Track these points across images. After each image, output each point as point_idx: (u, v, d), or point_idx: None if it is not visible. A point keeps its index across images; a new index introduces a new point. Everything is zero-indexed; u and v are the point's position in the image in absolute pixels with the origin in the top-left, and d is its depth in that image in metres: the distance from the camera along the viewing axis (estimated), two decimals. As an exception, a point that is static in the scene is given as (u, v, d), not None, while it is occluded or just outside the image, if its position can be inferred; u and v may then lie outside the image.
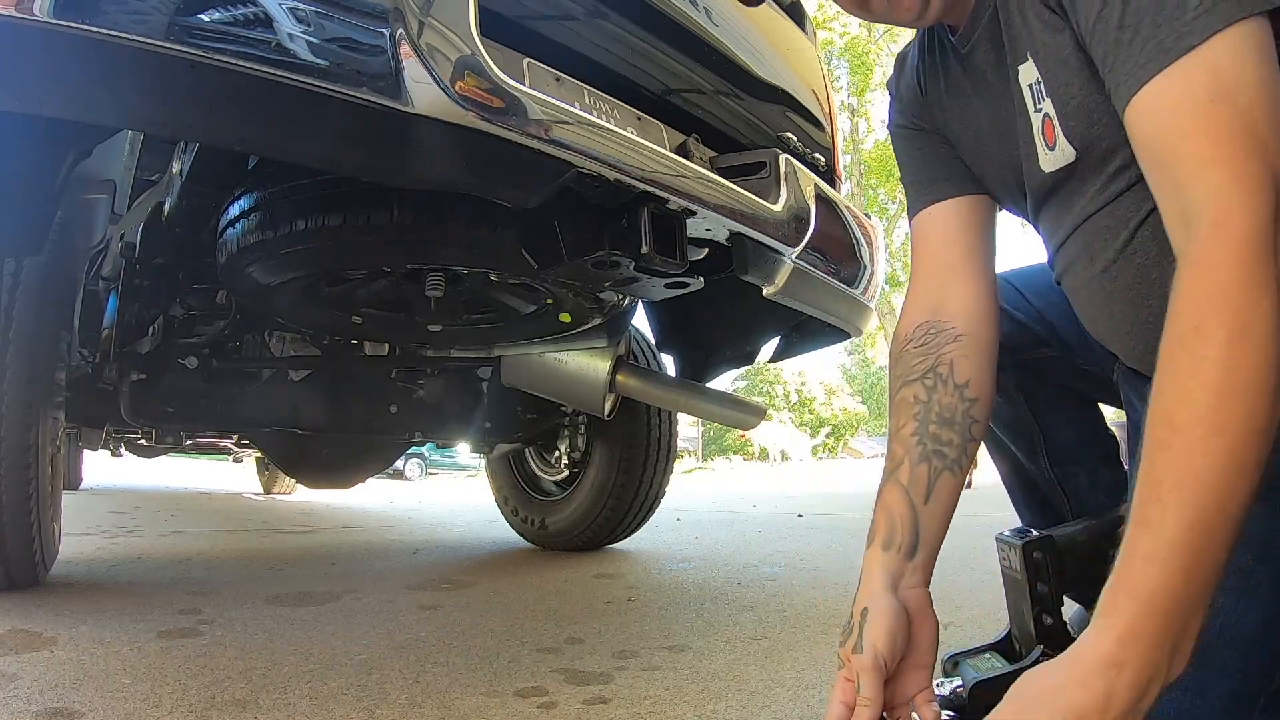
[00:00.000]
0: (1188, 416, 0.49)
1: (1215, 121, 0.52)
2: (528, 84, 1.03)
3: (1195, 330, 0.50)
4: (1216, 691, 0.59)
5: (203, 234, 1.50)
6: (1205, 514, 0.48)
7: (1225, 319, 0.49)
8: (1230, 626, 0.59)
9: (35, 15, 0.77)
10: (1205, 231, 0.51)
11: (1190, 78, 0.52)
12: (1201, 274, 0.51)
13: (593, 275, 1.34)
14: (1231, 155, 0.51)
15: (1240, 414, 0.48)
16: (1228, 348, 0.49)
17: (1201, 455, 0.49)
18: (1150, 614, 0.48)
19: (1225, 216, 0.50)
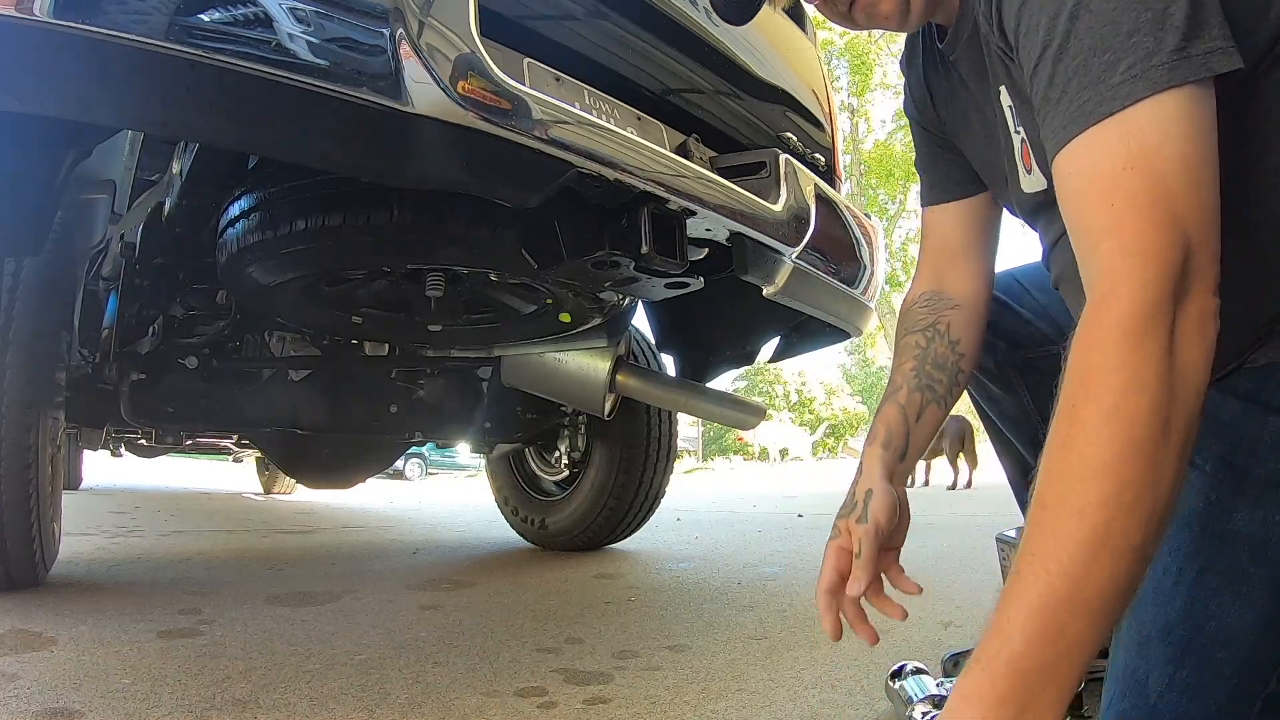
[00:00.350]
0: (1052, 495, 0.49)
1: (1120, 190, 0.50)
2: (528, 84, 1.03)
3: (1071, 409, 0.49)
4: (1213, 694, 0.59)
5: (203, 234, 1.50)
6: (1057, 596, 0.47)
7: (1096, 399, 0.48)
8: (1226, 629, 0.59)
9: (35, 15, 0.77)
10: (1092, 305, 0.50)
11: (1106, 143, 0.51)
12: (1080, 352, 0.50)
13: (593, 275, 1.34)
14: (1130, 226, 0.49)
15: (1099, 496, 0.47)
16: (1096, 430, 0.48)
17: (1056, 536, 0.48)
18: (993, 681, 0.48)
19: (1111, 291, 0.49)
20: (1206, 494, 0.61)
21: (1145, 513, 0.47)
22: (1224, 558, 0.59)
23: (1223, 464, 0.61)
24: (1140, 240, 0.49)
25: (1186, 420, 0.48)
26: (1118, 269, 0.49)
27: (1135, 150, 0.50)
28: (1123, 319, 0.48)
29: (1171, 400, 0.48)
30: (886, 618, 0.83)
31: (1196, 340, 0.49)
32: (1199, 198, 0.50)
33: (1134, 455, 0.47)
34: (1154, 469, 0.47)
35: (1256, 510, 0.58)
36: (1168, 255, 0.48)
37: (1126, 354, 0.48)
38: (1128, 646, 0.65)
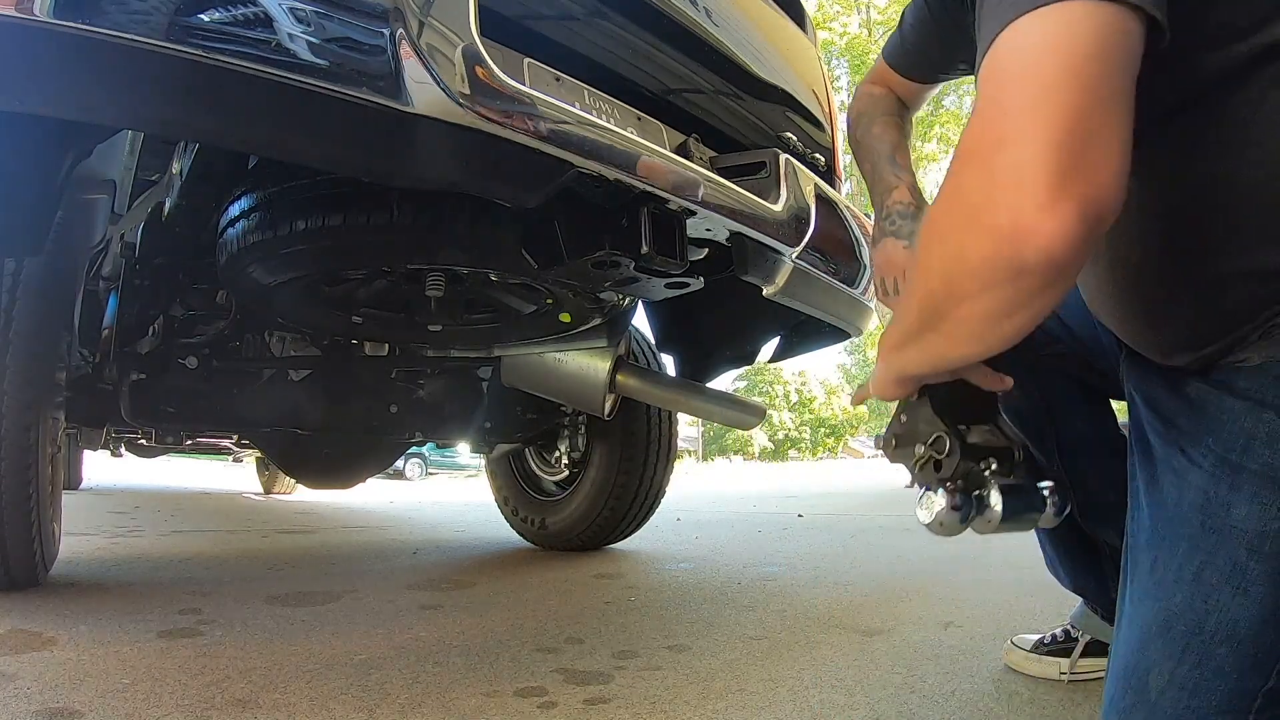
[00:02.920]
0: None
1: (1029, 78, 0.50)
2: (528, 84, 1.03)
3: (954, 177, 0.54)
4: (1213, 690, 0.59)
5: (203, 234, 1.50)
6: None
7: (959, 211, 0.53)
8: (1226, 625, 0.59)
9: (35, 15, 0.76)
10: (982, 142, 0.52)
11: (983, 75, 0.52)
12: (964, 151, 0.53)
13: (593, 275, 1.34)
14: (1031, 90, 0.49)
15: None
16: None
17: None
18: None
19: (1002, 136, 0.50)
20: (1204, 490, 0.62)
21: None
22: (1222, 554, 0.60)
23: (1220, 460, 0.61)
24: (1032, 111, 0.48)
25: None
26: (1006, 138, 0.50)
27: (1051, 35, 0.49)
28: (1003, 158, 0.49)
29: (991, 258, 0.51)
30: (886, 617, 0.83)
31: (1062, 218, 0.47)
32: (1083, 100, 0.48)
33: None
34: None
35: (1255, 505, 0.59)
36: (1059, 134, 0.47)
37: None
38: (1128, 644, 0.65)
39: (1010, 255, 0.49)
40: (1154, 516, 0.67)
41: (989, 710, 1.04)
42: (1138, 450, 0.71)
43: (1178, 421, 0.66)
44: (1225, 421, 0.61)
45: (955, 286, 0.54)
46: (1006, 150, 0.48)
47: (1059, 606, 1.39)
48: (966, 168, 0.52)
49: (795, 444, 33.22)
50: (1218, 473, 0.61)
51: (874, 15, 19.02)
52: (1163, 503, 0.66)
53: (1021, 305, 0.53)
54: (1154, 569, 0.65)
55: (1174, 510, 0.64)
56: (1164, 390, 0.69)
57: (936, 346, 0.61)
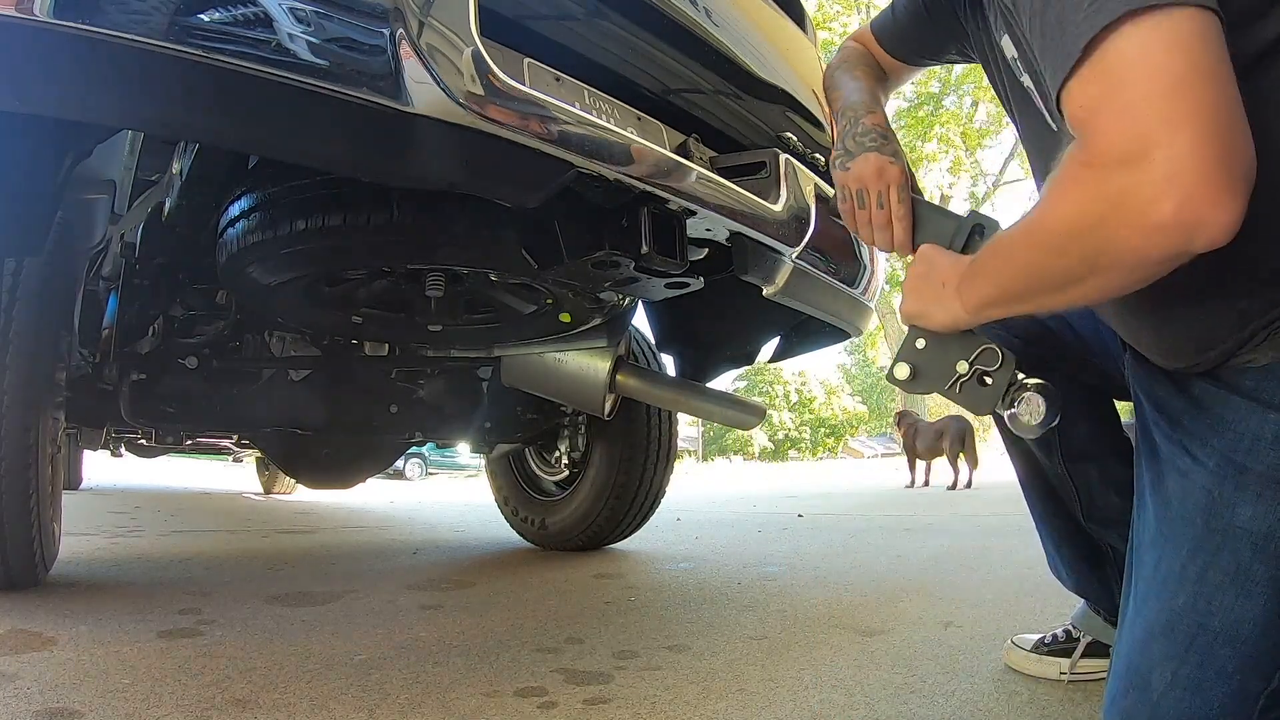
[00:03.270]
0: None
1: (1094, 91, 0.53)
2: (528, 84, 1.03)
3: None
4: (1216, 691, 0.59)
5: (203, 234, 1.50)
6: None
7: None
8: (1229, 626, 0.59)
9: (35, 15, 0.77)
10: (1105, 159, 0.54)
11: (1084, 79, 0.54)
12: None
13: (593, 275, 1.34)
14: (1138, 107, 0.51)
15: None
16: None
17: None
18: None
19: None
20: (1209, 490, 0.62)
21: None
22: (1227, 554, 0.60)
23: (1225, 460, 0.61)
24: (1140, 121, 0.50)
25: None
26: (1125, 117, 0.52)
27: (1109, 73, 0.52)
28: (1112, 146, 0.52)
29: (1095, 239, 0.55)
30: (886, 617, 0.83)
31: (1161, 200, 0.50)
32: (1175, 93, 0.50)
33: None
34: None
35: (1259, 506, 0.59)
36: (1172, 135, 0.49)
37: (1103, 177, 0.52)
38: (1131, 643, 0.65)
39: (1180, 245, 0.51)
40: (1158, 516, 0.67)
41: (989, 710, 1.04)
42: (1143, 450, 0.71)
43: (1183, 422, 0.66)
44: (1231, 422, 0.61)
45: (1101, 264, 0.56)
46: (1158, 148, 0.49)
47: (1059, 606, 1.40)
48: (1116, 163, 0.52)
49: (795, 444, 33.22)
50: (1223, 473, 0.61)
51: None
52: (1167, 502, 0.66)
53: (1151, 279, 0.56)
54: (1157, 568, 0.65)
55: (1178, 510, 0.64)
56: (1169, 390, 0.68)
57: (1052, 304, 0.65)
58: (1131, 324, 0.71)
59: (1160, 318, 0.66)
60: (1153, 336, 0.68)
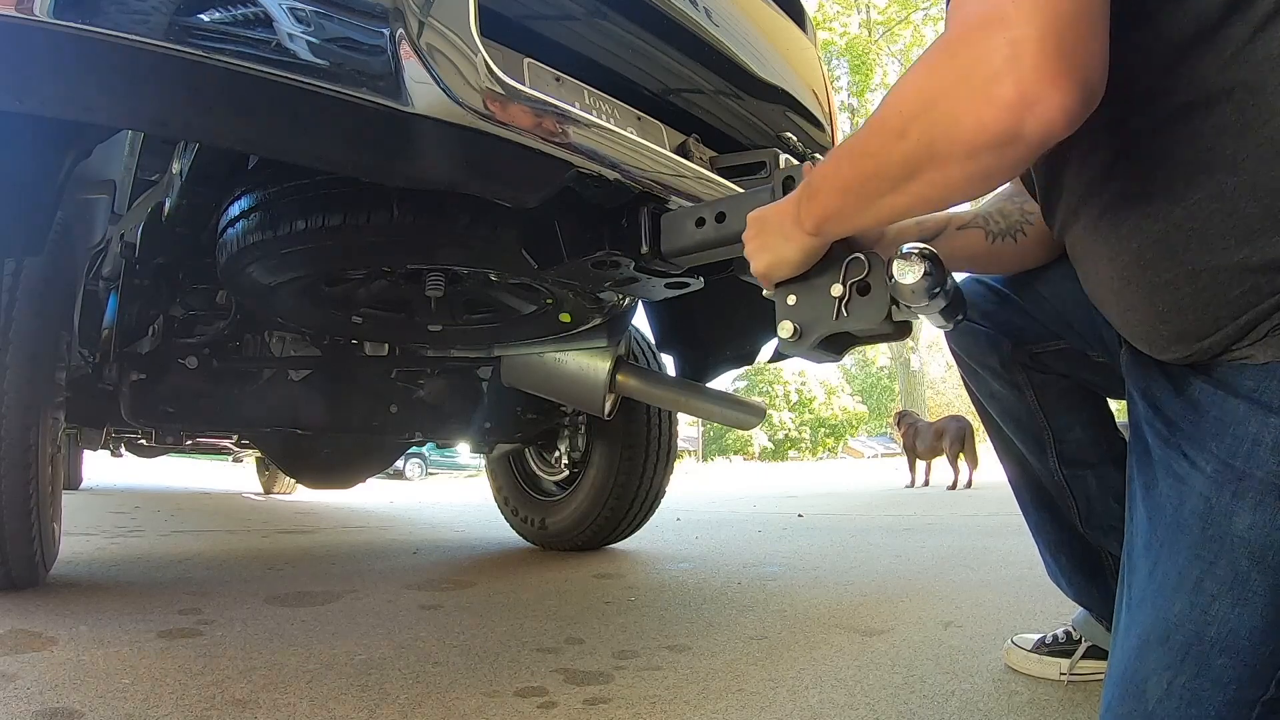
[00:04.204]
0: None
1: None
2: (528, 84, 1.03)
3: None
4: (1212, 700, 0.59)
5: (203, 234, 1.50)
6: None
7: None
8: (1226, 635, 0.58)
9: (35, 15, 0.77)
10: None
11: None
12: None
13: (593, 275, 1.34)
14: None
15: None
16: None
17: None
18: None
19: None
20: (1207, 497, 0.61)
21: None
22: (1224, 562, 0.59)
23: (1223, 466, 0.60)
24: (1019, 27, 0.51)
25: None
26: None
27: None
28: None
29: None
30: (886, 617, 0.83)
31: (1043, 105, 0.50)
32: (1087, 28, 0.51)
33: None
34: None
35: (1258, 514, 0.58)
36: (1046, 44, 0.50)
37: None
38: (1126, 651, 0.64)
39: (1011, 123, 0.52)
40: (1152, 521, 0.66)
41: (989, 710, 1.04)
42: (1136, 451, 0.70)
43: (1180, 423, 0.65)
44: (1229, 425, 0.60)
45: (938, 149, 0.56)
46: (1010, 27, 0.50)
47: (1059, 606, 1.39)
48: (962, 40, 0.53)
49: (795, 444, 33.22)
50: (1221, 479, 0.60)
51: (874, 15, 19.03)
52: (1161, 507, 0.65)
53: (995, 175, 0.58)
54: (1152, 575, 0.64)
55: (1173, 515, 0.63)
56: (1165, 390, 0.67)
57: (893, 205, 0.64)
58: (1124, 308, 0.69)
59: (1156, 303, 0.65)
60: (1150, 324, 0.66)
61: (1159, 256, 0.62)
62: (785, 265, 0.78)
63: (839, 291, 0.75)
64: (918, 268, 0.69)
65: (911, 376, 20.61)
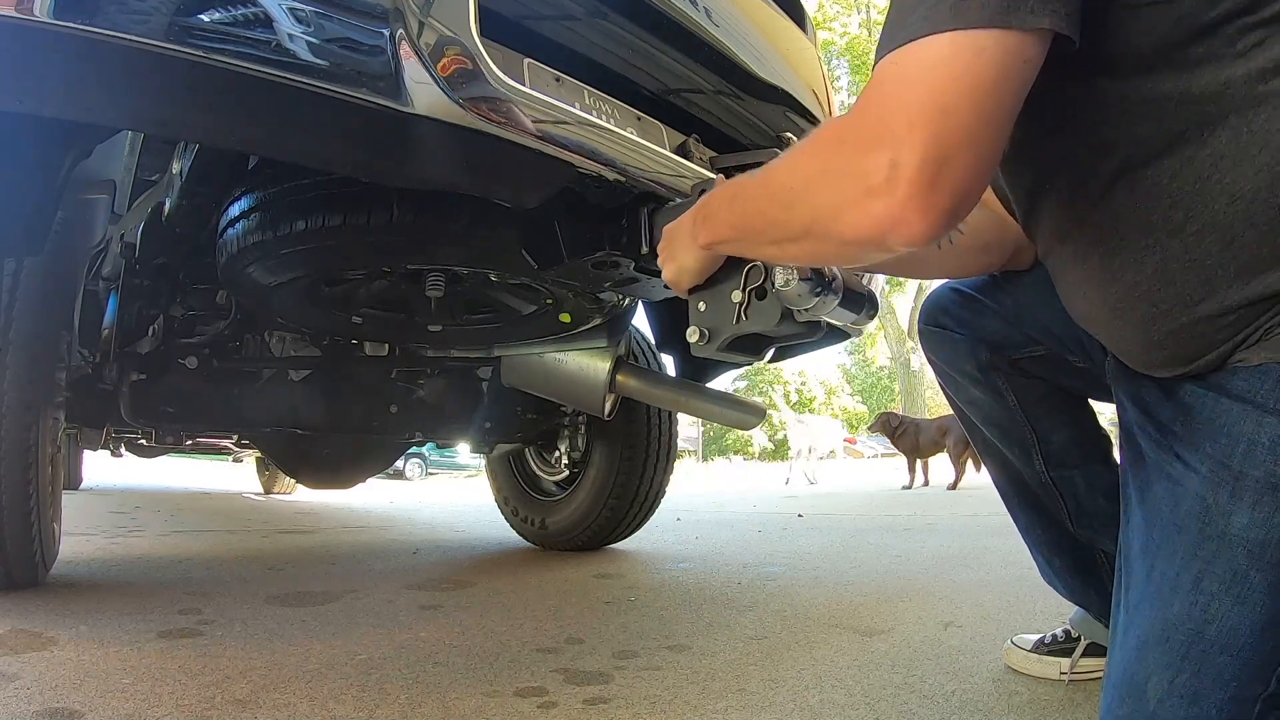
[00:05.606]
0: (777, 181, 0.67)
1: (906, 91, 0.55)
2: (528, 84, 1.03)
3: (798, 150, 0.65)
4: (1212, 697, 0.59)
5: (203, 234, 1.50)
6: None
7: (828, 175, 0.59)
8: (1226, 633, 0.58)
9: (35, 15, 0.77)
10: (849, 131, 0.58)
11: (887, 63, 0.56)
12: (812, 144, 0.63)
13: (593, 275, 1.34)
14: (901, 111, 0.54)
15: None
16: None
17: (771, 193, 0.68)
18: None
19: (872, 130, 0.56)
20: (1203, 497, 0.61)
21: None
22: (1222, 561, 0.59)
23: (1219, 466, 0.60)
24: (903, 127, 0.53)
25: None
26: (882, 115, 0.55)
27: (899, 64, 0.55)
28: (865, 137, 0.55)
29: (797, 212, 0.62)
30: (886, 617, 0.83)
31: (917, 215, 0.53)
32: (940, 115, 0.52)
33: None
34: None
35: (1255, 513, 0.58)
36: (926, 136, 0.52)
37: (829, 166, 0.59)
38: (1125, 651, 0.64)
39: (877, 234, 0.56)
40: (1148, 523, 0.66)
41: (989, 710, 1.04)
42: (1128, 455, 0.70)
43: (1172, 427, 0.65)
44: (1223, 426, 0.60)
45: (815, 229, 0.62)
46: (897, 148, 0.53)
47: (1059, 606, 1.39)
48: (854, 142, 0.57)
49: (795, 444, 33.19)
50: (1217, 479, 0.60)
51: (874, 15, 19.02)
52: (1157, 509, 0.65)
53: (866, 261, 0.68)
54: (1150, 577, 0.64)
55: (1169, 517, 0.63)
56: (1155, 394, 0.67)
57: (776, 254, 0.72)
58: (1115, 334, 0.69)
59: (1148, 331, 0.65)
60: (1138, 346, 0.67)
61: (1155, 289, 0.62)
62: (687, 274, 0.84)
63: (739, 297, 0.82)
64: (793, 273, 0.76)
65: (911, 376, 20.60)
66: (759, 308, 0.81)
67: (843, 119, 0.59)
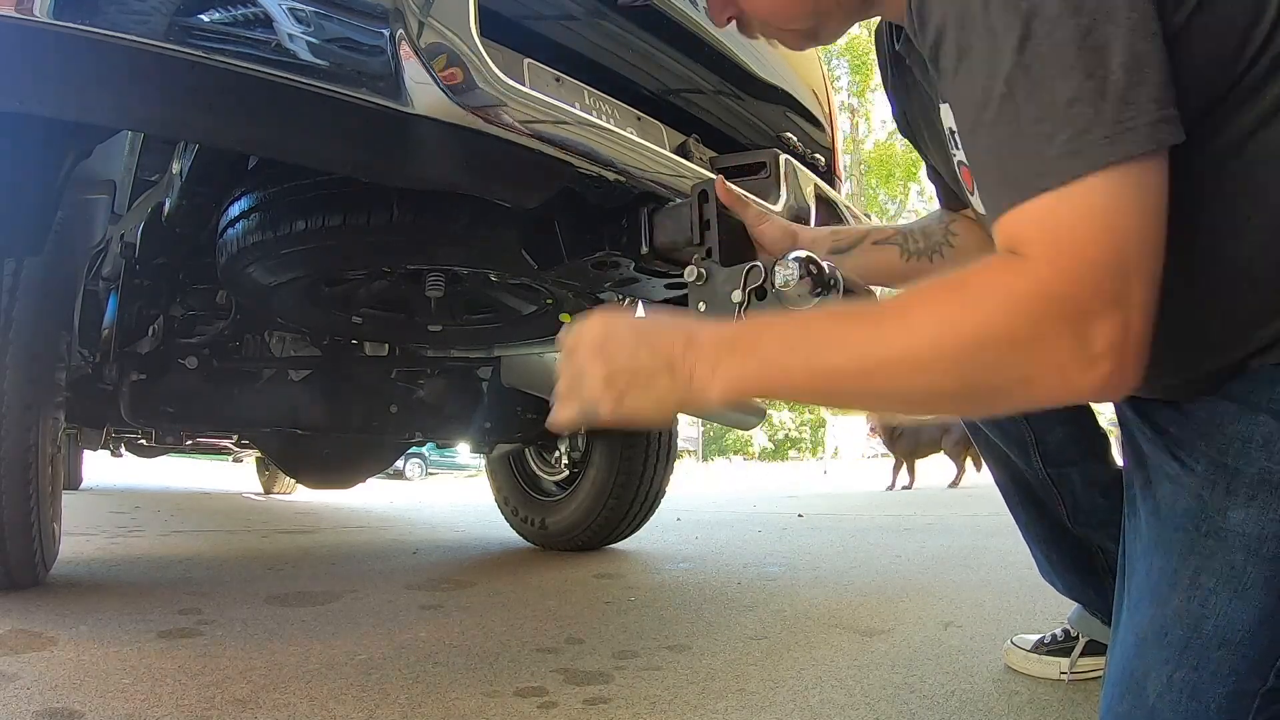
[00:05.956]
0: (882, 333, 0.55)
1: (1073, 235, 0.49)
2: (528, 84, 1.03)
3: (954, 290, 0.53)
4: (1211, 693, 0.59)
5: (203, 234, 1.50)
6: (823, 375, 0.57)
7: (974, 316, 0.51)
8: (1223, 628, 0.59)
9: (35, 15, 0.77)
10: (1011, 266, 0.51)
11: (1042, 210, 0.50)
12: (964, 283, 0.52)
13: (593, 275, 1.34)
14: (1064, 254, 0.49)
15: (899, 368, 0.53)
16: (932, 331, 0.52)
17: (850, 350, 0.55)
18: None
19: (1041, 255, 0.50)
20: (1199, 494, 0.61)
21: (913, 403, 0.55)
22: (1219, 558, 0.60)
23: (1214, 464, 0.61)
24: (1075, 265, 0.48)
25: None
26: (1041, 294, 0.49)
27: (1078, 213, 0.49)
28: (1016, 297, 0.49)
29: (982, 381, 0.52)
30: (886, 617, 0.83)
31: (1060, 378, 0.50)
32: (1140, 261, 0.48)
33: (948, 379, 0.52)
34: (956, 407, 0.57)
35: (1250, 509, 0.58)
36: (1097, 302, 0.48)
37: (993, 319, 0.50)
38: (1124, 648, 0.65)
39: (1096, 394, 0.51)
40: (1149, 523, 0.66)
41: (989, 710, 1.04)
42: (1130, 456, 0.71)
43: (1168, 427, 0.66)
44: (1218, 425, 0.61)
45: (994, 395, 0.54)
46: (1125, 310, 0.48)
47: (1058, 606, 1.39)
48: (1067, 311, 0.49)
49: (795, 444, 33.21)
50: (1212, 477, 0.61)
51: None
52: (1157, 508, 0.65)
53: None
54: (1149, 574, 0.64)
55: (1168, 515, 0.64)
56: (1151, 396, 0.68)
57: (855, 407, 0.64)
58: None
59: (1156, 368, 0.65)
60: (1168, 364, 0.67)
61: (1170, 334, 0.63)
62: (646, 414, 0.65)
63: (739, 297, 0.82)
64: (794, 272, 0.76)
65: (911, 376, 20.55)
66: (759, 308, 0.81)
67: (1012, 272, 0.50)
